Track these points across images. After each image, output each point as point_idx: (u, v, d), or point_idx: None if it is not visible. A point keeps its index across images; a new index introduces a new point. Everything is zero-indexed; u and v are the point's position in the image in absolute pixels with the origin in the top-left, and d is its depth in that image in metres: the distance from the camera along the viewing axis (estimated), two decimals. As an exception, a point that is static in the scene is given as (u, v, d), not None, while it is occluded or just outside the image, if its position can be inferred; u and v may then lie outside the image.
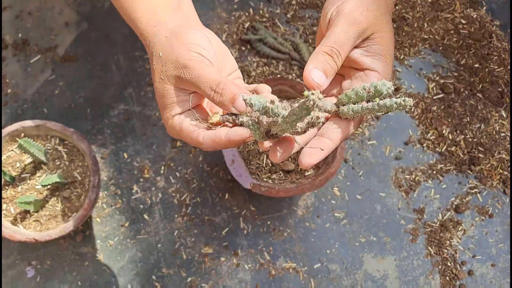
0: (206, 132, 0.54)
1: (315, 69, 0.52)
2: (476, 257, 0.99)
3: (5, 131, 0.88)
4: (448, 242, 0.99)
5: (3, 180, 0.87)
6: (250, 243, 0.98)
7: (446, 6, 1.15)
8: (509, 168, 1.03)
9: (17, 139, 0.88)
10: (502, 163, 1.03)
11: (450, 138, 1.05)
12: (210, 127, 0.54)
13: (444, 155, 1.04)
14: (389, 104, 0.49)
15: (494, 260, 0.99)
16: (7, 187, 0.88)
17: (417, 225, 1.00)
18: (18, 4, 1.11)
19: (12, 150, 0.90)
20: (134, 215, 0.99)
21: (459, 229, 1.00)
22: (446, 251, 0.98)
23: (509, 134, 1.06)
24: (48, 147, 0.90)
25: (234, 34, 1.10)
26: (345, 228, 0.99)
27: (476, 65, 1.10)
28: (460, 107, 1.07)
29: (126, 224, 0.98)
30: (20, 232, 0.85)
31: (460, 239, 1.00)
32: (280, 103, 0.49)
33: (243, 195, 1.00)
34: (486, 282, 0.97)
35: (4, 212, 0.87)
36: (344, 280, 0.97)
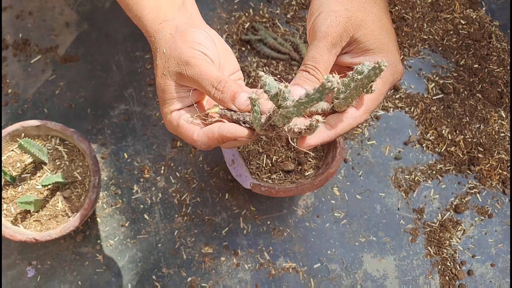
0: (201, 129, 0.55)
1: (295, 85, 0.56)
2: (476, 257, 0.99)
3: (5, 131, 0.88)
4: (447, 242, 0.99)
5: (3, 180, 0.87)
6: (250, 243, 0.98)
7: (445, 6, 1.15)
8: (508, 168, 1.04)
9: (17, 139, 0.88)
10: (501, 163, 1.04)
11: (450, 138, 1.05)
12: (206, 119, 0.56)
13: (444, 155, 1.04)
14: (366, 72, 0.50)
15: (494, 260, 0.99)
16: (7, 187, 0.88)
17: (416, 225, 1.00)
18: (19, 4, 1.11)
19: (12, 150, 0.90)
20: (134, 215, 0.99)
21: (459, 229, 1.00)
22: (445, 251, 0.99)
23: (508, 134, 1.06)
24: (49, 147, 0.91)
25: (234, 35, 1.10)
26: (345, 228, 1.00)
27: (476, 65, 1.10)
28: (460, 107, 1.07)
29: (126, 224, 0.98)
30: (21, 232, 0.85)
31: (459, 239, 1.00)
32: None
33: (243, 195, 1.00)
34: (486, 282, 0.98)
35: (4, 212, 0.87)
36: (344, 280, 0.97)
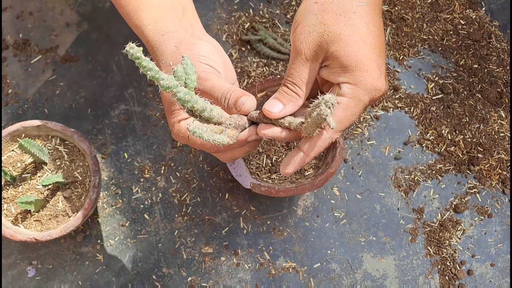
0: None
1: (272, 99, 0.58)
2: (475, 256, 0.99)
3: (5, 131, 0.88)
4: (447, 241, 0.99)
5: (4, 180, 0.88)
6: (250, 242, 0.98)
7: (445, 6, 1.15)
8: (508, 168, 1.04)
9: (18, 139, 0.88)
10: (501, 163, 1.04)
11: (449, 138, 1.05)
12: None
13: (443, 155, 1.04)
14: (314, 115, 0.51)
15: (493, 259, 0.99)
16: (7, 187, 0.88)
17: (416, 225, 1.00)
18: (19, 4, 1.11)
19: (13, 150, 0.90)
20: (134, 215, 0.99)
21: (458, 228, 1.00)
22: (445, 250, 0.99)
23: (508, 134, 1.06)
24: (49, 147, 0.91)
25: (234, 35, 1.11)
26: (344, 228, 1.00)
27: (475, 65, 1.10)
28: (459, 107, 1.08)
29: (127, 224, 0.98)
30: (21, 232, 0.85)
31: (459, 238, 1.00)
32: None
33: (243, 195, 1.01)
34: (485, 282, 0.98)
35: (4, 211, 0.87)
36: (344, 279, 0.97)
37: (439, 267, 0.98)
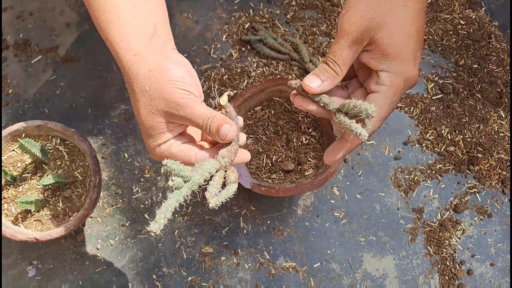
0: (199, 152, 0.60)
1: (311, 75, 0.61)
2: (475, 256, 0.99)
3: (6, 131, 0.88)
4: (447, 241, 0.99)
5: (4, 180, 0.88)
6: (250, 242, 0.98)
7: (445, 6, 1.15)
8: (508, 168, 1.04)
9: (18, 139, 0.88)
10: (501, 163, 1.04)
11: (449, 138, 1.05)
12: (220, 108, 0.63)
13: (443, 155, 1.04)
14: (348, 125, 0.58)
15: (493, 259, 0.99)
16: (8, 187, 0.88)
17: (416, 224, 1.00)
18: (19, 4, 1.11)
19: (13, 150, 0.90)
20: (134, 215, 0.99)
21: (458, 228, 1.00)
22: (445, 250, 0.99)
23: (508, 134, 1.06)
24: (49, 147, 0.91)
25: (234, 35, 1.11)
26: (344, 227, 1.00)
27: (475, 65, 1.11)
28: (459, 107, 1.08)
29: (127, 224, 0.98)
30: (21, 232, 0.85)
31: (459, 238, 1.00)
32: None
33: (243, 195, 1.01)
34: (485, 282, 0.98)
35: (5, 211, 0.87)
36: (344, 279, 0.97)
37: (439, 266, 0.98)
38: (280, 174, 0.94)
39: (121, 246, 0.97)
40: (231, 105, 0.63)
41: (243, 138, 0.63)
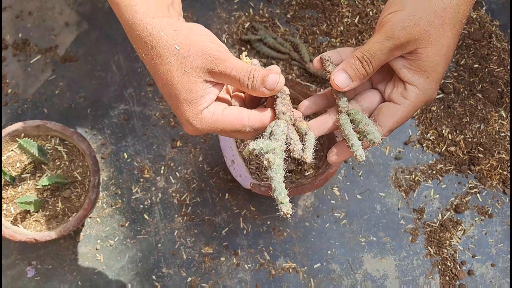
0: (250, 113, 0.56)
1: (341, 70, 0.57)
2: (476, 257, 0.99)
3: (5, 131, 0.88)
4: (447, 242, 0.99)
5: (3, 180, 0.87)
6: (250, 243, 0.98)
7: (445, 6, 1.15)
8: (508, 168, 1.04)
9: (17, 139, 0.88)
10: (501, 163, 1.04)
11: (450, 138, 1.05)
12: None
13: (444, 155, 1.04)
14: (349, 139, 0.55)
15: (494, 260, 0.99)
16: (7, 187, 0.88)
17: (416, 225, 1.00)
18: (18, 4, 1.11)
19: (12, 150, 0.90)
20: (134, 215, 0.99)
21: (459, 229, 1.00)
22: (445, 251, 0.99)
23: (508, 134, 1.06)
24: (48, 147, 0.91)
25: (234, 34, 1.10)
26: (345, 228, 1.00)
27: (476, 65, 1.10)
28: (460, 107, 1.07)
29: (126, 224, 0.98)
30: (21, 232, 0.85)
31: (459, 239, 1.00)
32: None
33: (243, 195, 1.00)
34: (486, 282, 0.98)
35: (4, 212, 0.87)
36: (344, 280, 0.97)
37: (439, 267, 0.98)
38: (280, 174, 0.93)
39: (120, 246, 0.97)
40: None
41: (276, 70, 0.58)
